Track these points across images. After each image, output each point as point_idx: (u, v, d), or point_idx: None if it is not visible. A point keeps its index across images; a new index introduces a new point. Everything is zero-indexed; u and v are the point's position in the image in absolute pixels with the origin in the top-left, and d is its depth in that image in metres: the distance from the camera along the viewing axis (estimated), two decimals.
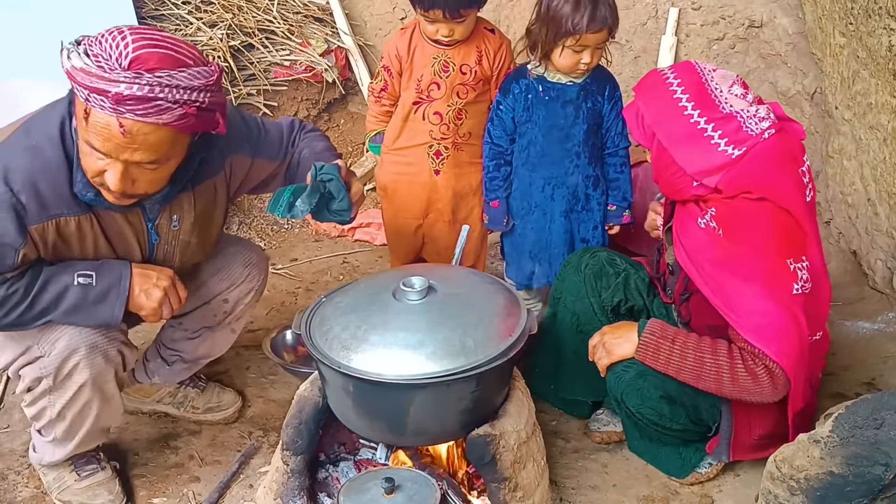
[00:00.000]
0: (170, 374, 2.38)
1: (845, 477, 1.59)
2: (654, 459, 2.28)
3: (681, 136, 1.96)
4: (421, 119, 2.71)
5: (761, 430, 2.12)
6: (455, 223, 2.85)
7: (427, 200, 2.80)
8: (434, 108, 2.68)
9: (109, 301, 1.85)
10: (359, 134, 4.19)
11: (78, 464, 2.14)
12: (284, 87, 3.82)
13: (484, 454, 1.83)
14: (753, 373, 1.92)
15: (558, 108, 2.50)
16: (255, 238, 3.63)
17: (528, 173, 2.59)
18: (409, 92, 2.72)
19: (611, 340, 2.13)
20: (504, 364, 1.77)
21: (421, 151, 2.74)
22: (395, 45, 2.70)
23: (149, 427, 2.45)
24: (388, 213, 2.94)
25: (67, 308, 1.82)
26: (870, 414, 1.60)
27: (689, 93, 1.95)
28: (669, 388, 2.07)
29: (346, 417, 1.88)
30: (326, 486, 2.01)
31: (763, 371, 1.92)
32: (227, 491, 2.21)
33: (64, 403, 1.95)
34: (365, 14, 4.18)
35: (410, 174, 2.79)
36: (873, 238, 3.04)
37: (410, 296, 1.81)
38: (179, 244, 1.99)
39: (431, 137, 2.72)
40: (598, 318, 2.32)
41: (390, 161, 2.84)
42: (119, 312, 1.87)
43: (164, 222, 1.93)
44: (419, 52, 2.67)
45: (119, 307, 1.86)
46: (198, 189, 1.95)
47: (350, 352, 1.74)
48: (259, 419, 2.50)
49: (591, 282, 2.34)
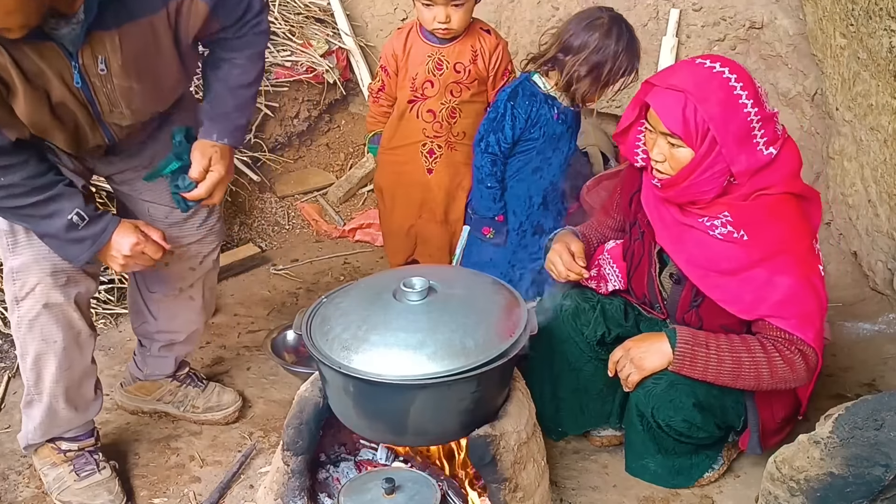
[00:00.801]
0: (155, 362, 2.41)
1: (845, 478, 1.59)
2: (658, 477, 2.23)
3: (737, 134, 1.90)
4: (415, 117, 2.72)
5: (782, 413, 2.14)
6: (447, 224, 2.85)
7: (420, 200, 2.81)
8: (427, 106, 2.69)
9: (83, 246, 1.90)
10: (359, 135, 4.19)
11: (77, 464, 2.15)
12: (285, 87, 3.82)
13: (484, 455, 1.83)
14: (791, 361, 1.94)
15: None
16: (256, 238, 3.63)
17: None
18: (405, 91, 2.74)
19: (638, 354, 2.07)
20: (505, 364, 1.77)
21: (414, 150, 2.75)
22: (391, 45, 2.73)
23: (149, 427, 2.46)
24: (384, 214, 2.95)
25: (47, 231, 1.87)
26: (870, 415, 1.60)
27: (747, 90, 1.90)
28: (699, 395, 2.06)
29: (346, 418, 1.88)
30: (327, 486, 2.01)
31: (799, 357, 1.94)
32: (228, 491, 2.21)
33: (27, 322, 1.97)
34: (366, 15, 4.19)
35: (405, 174, 2.81)
36: (874, 239, 3.04)
37: (411, 296, 1.81)
38: (118, 89, 1.84)
39: (425, 135, 2.73)
40: (587, 353, 2.28)
41: (386, 161, 2.85)
42: (84, 259, 1.92)
43: (89, 63, 1.77)
44: (414, 50, 2.70)
45: (86, 256, 1.91)
46: (124, 28, 1.77)
47: (350, 352, 1.74)
48: (260, 420, 2.50)
49: (571, 322, 2.27)
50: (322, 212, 3.86)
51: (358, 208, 3.92)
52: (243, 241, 3.57)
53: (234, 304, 3.17)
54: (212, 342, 2.91)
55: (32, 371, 2.04)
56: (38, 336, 1.99)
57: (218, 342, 2.91)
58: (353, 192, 3.97)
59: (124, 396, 2.50)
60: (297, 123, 3.99)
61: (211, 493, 2.18)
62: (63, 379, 2.05)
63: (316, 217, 3.79)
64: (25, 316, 1.97)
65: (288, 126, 3.96)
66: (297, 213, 3.84)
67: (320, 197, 3.94)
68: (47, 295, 1.95)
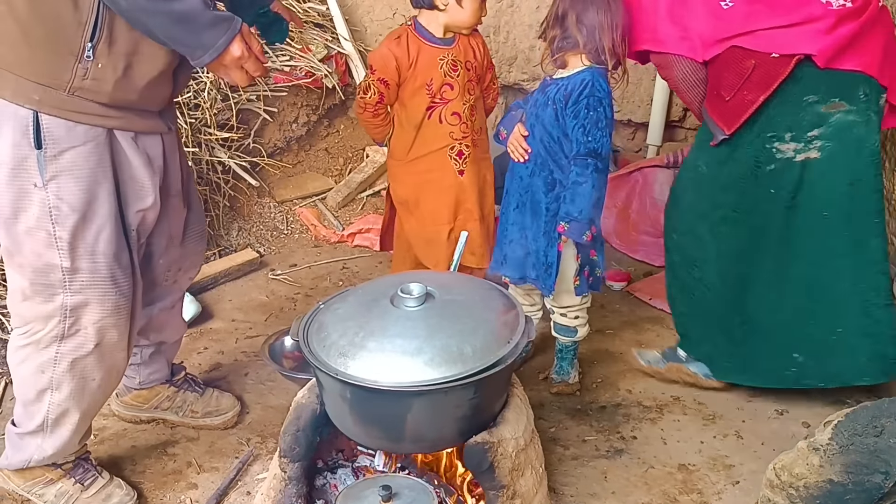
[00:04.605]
0: (147, 368, 2.39)
1: (845, 485, 1.58)
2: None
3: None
4: (437, 123, 2.67)
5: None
6: (483, 220, 2.82)
7: (455, 202, 2.76)
8: (451, 109, 2.67)
9: (219, 31, 1.74)
10: (359, 139, 4.19)
11: (77, 475, 2.11)
12: (284, 92, 3.82)
13: (482, 461, 1.82)
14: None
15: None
16: (255, 243, 3.63)
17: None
18: (419, 98, 2.67)
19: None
20: (502, 371, 1.76)
21: (441, 155, 2.70)
22: (391, 56, 2.63)
23: (146, 434, 2.45)
24: (413, 225, 2.86)
25: (184, 9, 1.68)
26: (869, 422, 1.60)
27: None
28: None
29: (343, 424, 1.88)
30: (324, 493, 2.00)
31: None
32: (225, 498, 2.20)
33: (68, 361, 1.91)
34: (365, 20, 4.19)
35: (433, 181, 2.74)
36: None
37: (408, 302, 1.81)
38: None
39: (452, 139, 2.69)
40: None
41: (405, 172, 2.78)
42: (220, 46, 1.74)
43: None
44: (423, 56, 2.64)
45: (224, 41, 1.74)
46: None
47: (347, 358, 1.73)
48: (257, 426, 2.50)
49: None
50: (321, 217, 3.85)
51: (357, 213, 3.91)
52: (242, 246, 3.57)
53: (232, 310, 3.17)
54: (209, 348, 2.90)
55: (59, 407, 1.98)
56: (79, 374, 1.95)
57: (215, 347, 2.91)
58: (351, 196, 3.97)
59: (121, 406, 2.47)
60: (296, 128, 3.99)
61: (208, 500, 2.17)
62: (88, 416, 2.04)
63: (314, 222, 3.79)
64: (69, 354, 1.92)
65: (287, 131, 3.96)
66: (296, 217, 3.84)
67: (319, 202, 3.94)
68: (104, 335, 1.92)
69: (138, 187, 1.92)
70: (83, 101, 1.76)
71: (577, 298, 2.56)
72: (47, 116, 1.74)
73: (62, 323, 1.89)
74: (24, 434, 2.03)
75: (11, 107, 1.74)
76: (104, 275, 1.87)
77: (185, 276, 2.29)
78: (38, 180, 1.77)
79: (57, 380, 1.94)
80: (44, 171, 1.77)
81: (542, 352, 2.86)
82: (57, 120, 1.75)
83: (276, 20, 2.21)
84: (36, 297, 1.88)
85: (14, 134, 1.75)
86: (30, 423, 2.01)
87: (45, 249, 1.82)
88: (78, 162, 1.79)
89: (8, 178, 1.77)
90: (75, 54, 1.71)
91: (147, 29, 1.72)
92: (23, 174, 1.77)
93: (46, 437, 2.02)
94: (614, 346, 2.97)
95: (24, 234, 1.82)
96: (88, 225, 1.83)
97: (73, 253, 1.83)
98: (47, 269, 1.84)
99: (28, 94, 1.73)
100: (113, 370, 2.01)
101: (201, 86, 3.51)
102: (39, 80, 1.72)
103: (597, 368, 2.83)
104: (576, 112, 2.36)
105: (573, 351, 2.68)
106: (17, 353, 1.96)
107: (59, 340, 1.91)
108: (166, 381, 2.46)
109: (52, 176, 1.77)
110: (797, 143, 2.28)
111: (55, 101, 1.74)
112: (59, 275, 1.85)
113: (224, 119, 3.62)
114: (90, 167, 1.80)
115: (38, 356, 1.93)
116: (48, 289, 1.86)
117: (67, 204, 1.79)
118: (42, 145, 1.75)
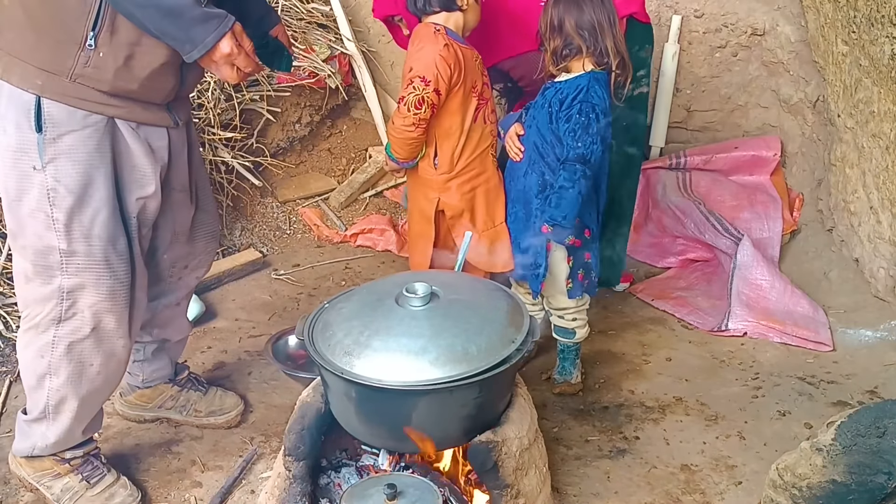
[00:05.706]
0: (150, 365, 2.39)
1: (848, 485, 1.59)
2: None
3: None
4: (483, 123, 2.59)
5: None
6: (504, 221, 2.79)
7: (503, 201, 2.67)
8: (490, 107, 2.63)
9: (209, 27, 1.74)
10: (362, 140, 4.20)
11: (85, 471, 2.12)
12: (288, 93, 3.82)
13: (486, 461, 1.83)
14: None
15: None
16: (258, 243, 3.63)
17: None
18: (467, 101, 2.53)
19: None
20: (507, 371, 1.77)
21: (486, 156, 2.62)
22: (443, 63, 2.42)
23: (150, 433, 2.45)
24: (449, 232, 2.68)
25: (174, 5, 1.70)
26: (872, 422, 1.60)
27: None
28: None
29: (348, 423, 1.88)
30: (328, 491, 2.01)
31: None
32: (230, 496, 2.21)
33: (65, 344, 1.93)
34: (368, 20, 4.19)
35: (482, 183, 2.62)
36: (876, 246, 3.04)
37: (413, 302, 1.81)
38: None
39: (492, 136, 2.63)
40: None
41: (458, 183, 2.60)
42: (210, 42, 1.74)
43: None
44: (466, 58, 2.51)
45: (213, 38, 1.74)
46: None
47: (352, 357, 1.74)
48: (261, 424, 2.50)
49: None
50: (323, 217, 3.86)
51: (359, 213, 3.92)
52: (245, 246, 3.58)
53: (235, 309, 3.17)
54: (213, 347, 2.91)
55: (58, 393, 1.99)
56: (76, 359, 1.96)
57: (219, 347, 2.91)
58: (354, 197, 3.98)
59: (125, 406, 2.48)
60: (299, 128, 3.99)
61: (212, 498, 2.18)
62: (89, 404, 2.05)
63: (317, 222, 3.80)
64: (65, 337, 1.93)
65: (290, 131, 3.96)
66: (299, 217, 3.85)
67: (322, 202, 3.95)
68: (100, 319, 1.93)
69: (139, 175, 1.93)
70: (84, 88, 1.78)
71: (571, 301, 2.56)
72: (49, 101, 1.77)
73: (59, 305, 1.91)
74: (31, 421, 2.06)
75: (17, 91, 1.77)
76: (99, 258, 1.89)
77: (192, 275, 2.29)
78: (37, 163, 1.80)
79: (55, 364, 1.97)
80: (43, 154, 1.79)
81: (544, 352, 2.87)
82: (58, 105, 1.78)
83: (278, 49, 2.20)
84: (36, 278, 1.91)
85: (18, 118, 1.78)
86: (35, 409, 2.04)
87: (44, 231, 1.85)
88: (76, 146, 1.81)
89: (12, 161, 1.81)
90: (78, 42, 1.74)
91: (139, 22, 1.74)
92: (25, 157, 1.80)
93: (50, 425, 2.04)
94: (616, 347, 2.97)
95: (27, 217, 1.85)
96: (84, 208, 1.85)
97: (69, 235, 1.86)
98: (46, 251, 1.87)
99: (32, 79, 1.76)
100: (112, 358, 2.01)
101: (205, 86, 3.52)
102: (43, 66, 1.76)
103: (599, 369, 2.84)
104: (568, 116, 2.38)
105: (575, 352, 2.69)
106: (22, 338, 2.00)
107: (56, 324, 1.93)
108: (170, 380, 2.46)
109: (51, 159, 1.80)
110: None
111: (57, 87, 1.77)
112: (57, 256, 1.87)
113: (227, 119, 3.62)
114: (88, 151, 1.83)
115: (37, 340, 1.96)
116: (47, 270, 1.89)
117: (64, 186, 1.82)
118: (42, 129, 1.78)
